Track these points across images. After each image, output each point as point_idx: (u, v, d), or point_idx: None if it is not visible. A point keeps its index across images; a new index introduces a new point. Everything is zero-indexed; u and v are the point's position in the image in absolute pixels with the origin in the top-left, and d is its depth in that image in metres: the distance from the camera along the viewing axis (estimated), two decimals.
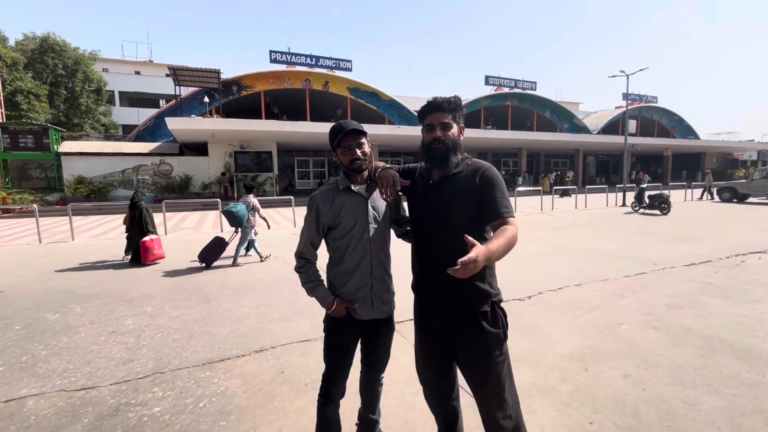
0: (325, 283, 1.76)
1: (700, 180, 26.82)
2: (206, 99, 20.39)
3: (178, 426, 2.21)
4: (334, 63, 24.32)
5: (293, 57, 23.16)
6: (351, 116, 24.41)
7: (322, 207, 1.67)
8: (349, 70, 24.74)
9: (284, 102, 25.05)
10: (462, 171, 1.56)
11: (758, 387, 2.46)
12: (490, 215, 1.48)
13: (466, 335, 1.52)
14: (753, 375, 2.61)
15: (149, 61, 39.52)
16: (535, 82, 30.93)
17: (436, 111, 1.57)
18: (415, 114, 22.72)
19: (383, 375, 1.90)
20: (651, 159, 37.81)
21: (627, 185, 17.48)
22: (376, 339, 1.80)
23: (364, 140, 1.67)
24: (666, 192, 13.54)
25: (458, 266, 1.16)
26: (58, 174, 18.32)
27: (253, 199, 6.60)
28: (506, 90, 29.87)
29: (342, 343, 1.73)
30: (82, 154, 18.47)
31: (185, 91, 21.96)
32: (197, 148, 20.87)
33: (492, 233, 1.47)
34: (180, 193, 19.03)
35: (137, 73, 36.71)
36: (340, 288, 1.72)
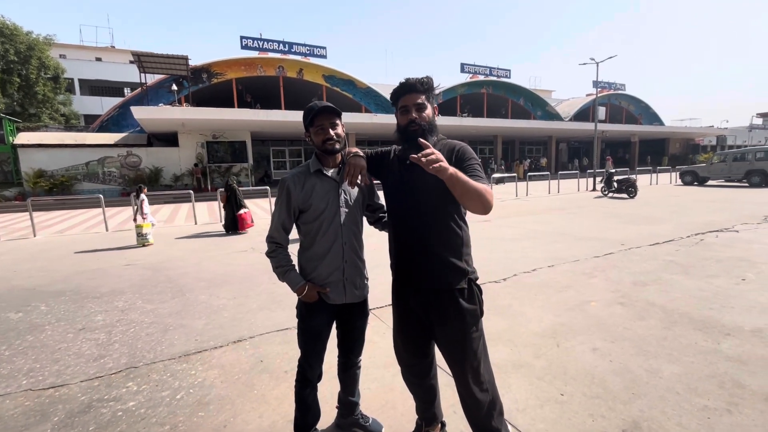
0: (297, 268, 1.74)
1: (665, 164, 28.17)
2: (174, 87, 19.52)
3: (155, 419, 2.17)
4: (308, 50, 23.69)
5: (265, 43, 22.42)
6: None
7: (293, 190, 1.64)
8: (324, 57, 24.20)
9: (257, 90, 24.34)
10: None
11: (713, 354, 2.64)
12: None
13: (444, 312, 1.55)
14: (709, 343, 2.79)
15: (111, 46, 37.36)
16: (509, 70, 31.18)
17: (410, 92, 1.55)
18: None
19: (360, 358, 1.92)
20: (619, 145, 39.16)
21: (596, 170, 18.09)
22: (351, 323, 1.81)
23: (338, 121, 1.65)
24: (633, 176, 14.10)
25: (426, 153, 1.26)
26: (15, 167, 17.27)
27: None
28: (481, 78, 30.04)
29: (315, 328, 1.73)
30: (41, 145, 17.40)
31: (151, 79, 20.98)
32: (167, 139, 20.06)
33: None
34: (150, 185, 18.29)
35: (98, 59, 34.59)
36: (312, 272, 1.70)
